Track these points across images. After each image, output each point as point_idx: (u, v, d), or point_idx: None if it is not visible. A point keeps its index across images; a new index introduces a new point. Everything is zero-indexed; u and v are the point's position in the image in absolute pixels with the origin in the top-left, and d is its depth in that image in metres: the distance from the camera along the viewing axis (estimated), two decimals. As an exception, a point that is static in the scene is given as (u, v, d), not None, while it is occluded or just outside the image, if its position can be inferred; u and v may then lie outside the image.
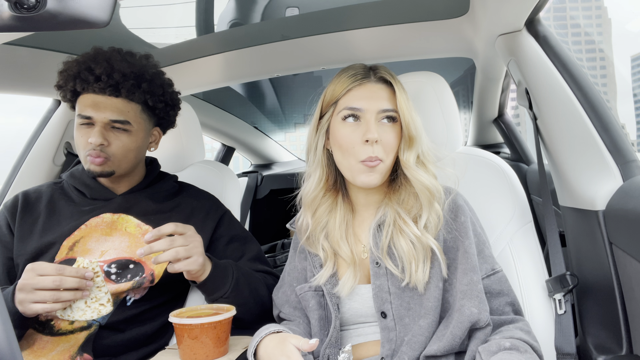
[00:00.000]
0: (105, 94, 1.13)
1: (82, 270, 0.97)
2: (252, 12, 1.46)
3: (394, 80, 0.96)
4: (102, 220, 1.19)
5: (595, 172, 0.98)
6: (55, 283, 0.93)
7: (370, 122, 0.93)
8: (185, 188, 1.34)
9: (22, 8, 0.44)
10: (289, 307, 1.05)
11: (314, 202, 1.02)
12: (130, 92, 1.14)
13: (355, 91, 0.95)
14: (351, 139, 0.94)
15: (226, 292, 1.09)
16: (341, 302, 0.98)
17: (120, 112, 1.14)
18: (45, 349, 1.07)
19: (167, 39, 1.53)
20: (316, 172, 1.01)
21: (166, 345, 1.19)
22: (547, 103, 1.07)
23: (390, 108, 0.95)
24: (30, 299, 0.94)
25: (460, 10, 1.27)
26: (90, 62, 1.13)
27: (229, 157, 2.90)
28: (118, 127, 1.15)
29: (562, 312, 0.99)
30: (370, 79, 0.96)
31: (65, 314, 1.00)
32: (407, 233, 0.92)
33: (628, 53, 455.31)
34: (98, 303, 1.01)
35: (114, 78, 1.12)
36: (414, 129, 0.94)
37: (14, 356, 0.48)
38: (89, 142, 1.12)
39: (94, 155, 1.13)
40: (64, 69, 1.16)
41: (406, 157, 0.95)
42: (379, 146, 0.93)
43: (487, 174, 1.17)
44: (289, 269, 1.10)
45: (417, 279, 0.90)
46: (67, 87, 1.16)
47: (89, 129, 1.14)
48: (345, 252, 0.98)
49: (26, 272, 0.96)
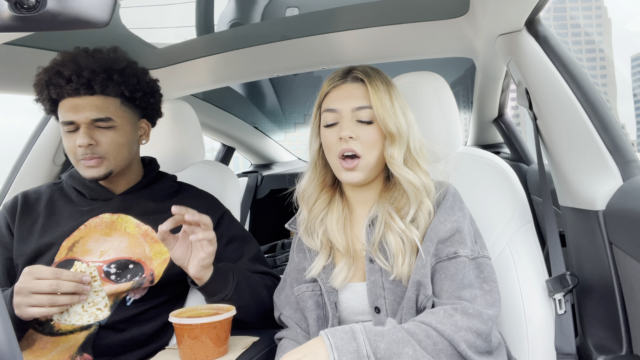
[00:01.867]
0: (80, 95, 1.12)
1: (79, 275, 0.97)
2: (252, 12, 1.46)
3: (368, 78, 0.98)
4: (101, 220, 1.19)
5: (595, 172, 0.98)
6: (52, 287, 0.93)
7: (344, 121, 0.97)
8: (184, 188, 1.34)
9: (22, 8, 0.44)
10: (290, 309, 1.06)
11: (310, 198, 1.05)
12: (103, 86, 1.13)
13: (332, 93, 1.00)
14: (330, 138, 0.99)
15: (228, 294, 1.09)
16: (338, 300, 1.00)
17: (99, 110, 1.13)
18: (45, 349, 1.07)
19: (167, 39, 1.53)
20: (309, 171, 1.06)
21: (166, 345, 1.19)
22: (547, 103, 1.07)
23: (365, 105, 0.97)
24: (27, 303, 0.94)
25: (460, 10, 1.27)
26: (58, 67, 1.12)
27: (229, 157, 2.90)
28: (102, 126, 1.14)
29: (562, 312, 1.00)
30: (346, 80, 1.00)
31: (62, 318, 0.99)
32: (395, 228, 0.94)
33: (628, 53, 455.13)
34: (95, 308, 1.01)
35: (84, 76, 1.11)
36: (392, 125, 0.95)
37: (13, 356, 0.48)
38: (77, 145, 1.11)
39: (87, 159, 1.13)
40: (36, 81, 1.15)
41: (390, 153, 0.97)
42: (355, 142, 0.96)
43: (487, 174, 1.17)
44: (289, 269, 1.10)
45: (403, 273, 0.92)
46: (43, 97, 1.15)
47: (74, 134, 1.13)
48: (341, 242, 1.00)
49: (23, 275, 0.96)
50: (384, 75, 1.01)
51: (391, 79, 1.03)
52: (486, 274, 0.92)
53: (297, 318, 1.05)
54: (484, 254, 0.94)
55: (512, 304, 1.05)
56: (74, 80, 1.10)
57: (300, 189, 1.07)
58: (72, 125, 1.12)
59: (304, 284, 1.04)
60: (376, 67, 1.04)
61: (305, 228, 1.05)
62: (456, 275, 0.90)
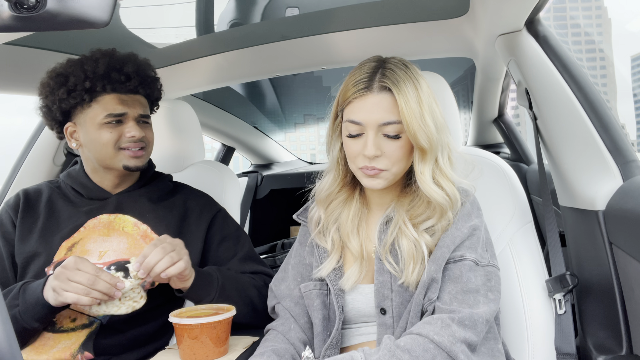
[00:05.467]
0: (138, 92, 1.21)
1: (116, 279, 1.00)
2: (252, 12, 1.46)
3: (397, 87, 0.89)
4: (99, 221, 1.19)
5: (595, 172, 0.98)
6: (90, 281, 0.96)
7: (369, 137, 0.90)
8: (179, 187, 1.34)
9: (22, 8, 0.44)
10: (291, 301, 1.04)
11: (328, 197, 1.03)
12: (149, 89, 1.24)
13: (357, 103, 0.91)
14: (353, 149, 0.93)
15: (213, 298, 1.10)
16: (345, 302, 0.98)
17: (144, 107, 1.23)
18: (46, 346, 1.07)
19: (167, 39, 1.53)
20: (332, 171, 1.02)
21: (166, 345, 1.19)
22: (547, 103, 1.07)
23: (393, 120, 0.89)
24: (64, 287, 0.97)
25: (460, 10, 1.27)
26: (116, 63, 1.18)
27: (229, 157, 2.90)
28: (144, 121, 1.23)
29: (562, 312, 0.99)
30: (372, 89, 0.90)
31: (100, 309, 1.02)
32: (409, 235, 0.93)
33: (628, 53, 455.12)
34: (132, 301, 1.04)
35: (140, 76, 1.20)
36: (424, 139, 0.89)
37: (13, 356, 0.48)
38: (128, 136, 1.18)
39: (135, 148, 1.19)
40: (76, 70, 1.16)
41: (420, 169, 0.92)
42: (380, 159, 0.91)
43: (487, 174, 1.17)
44: (294, 262, 1.08)
45: (411, 280, 0.91)
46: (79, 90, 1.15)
47: (118, 127, 1.18)
48: (355, 245, 0.98)
49: (68, 262, 0.99)
50: (413, 73, 0.92)
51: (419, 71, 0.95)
52: (493, 283, 0.90)
53: (296, 312, 1.03)
54: (494, 264, 0.93)
55: (512, 304, 1.05)
56: (133, 78, 1.19)
57: (319, 188, 1.03)
58: (120, 117, 1.18)
59: (310, 281, 1.02)
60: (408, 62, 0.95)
61: (319, 231, 1.03)
62: (460, 278, 0.88)
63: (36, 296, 1.01)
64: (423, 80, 0.93)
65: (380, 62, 0.94)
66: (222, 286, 1.12)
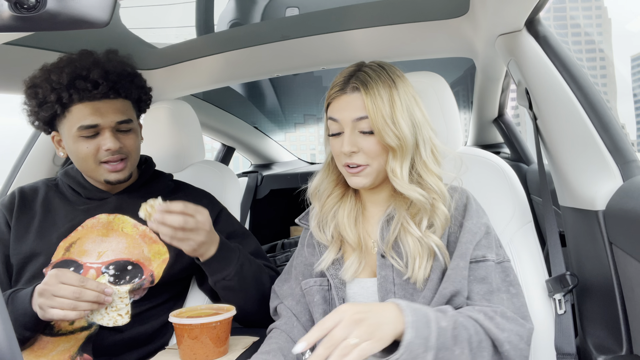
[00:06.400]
0: (110, 98, 1.12)
1: (103, 286, 0.98)
2: (252, 12, 1.46)
3: (365, 87, 0.93)
4: (97, 221, 1.19)
5: (595, 172, 0.98)
6: (75, 294, 0.94)
7: (346, 132, 0.95)
8: (181, 187, 1.34)
9: (22, 8, 0.44)
10: (293, 300, 1.06)
11: (323, 193, 1.05)
12: (127, 90, 1.15)
13: (334, 103, 0.98)
14: (335, 148, 0.98)
15: (229, 274, 1.08)
16: (346, 296, 0.99)
17: (122, 113, 1.14)
18: (45, 349, 1.07)
19: (167, 39, 1.53)
20: (323, 169, 1.07)
21: (166, 345, 1.19)
22: (547, 103, 1.07)
23: (363, 115, 0.93)
24: (49, 304, 0.94)
25: (460, 10, 1.27)
26: (80, 70, 1.09)
27: (229, 157, 2.90)
28: (123, 129, 1.15)
29: (562, 312, 1.00)
30: (345, 90, 0.96)
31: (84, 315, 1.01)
32: (413, 233, 0.94)
33: (628, 53, 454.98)
34: (117, 313, 1.01)
35: (111, 80, 1.11)
36: (392, 138, 0.91)
37: (13, 356, 0.48)
38: (105, 149, 1.11)
39: (114, 161, 1.13)
40: (38, 83, 1.10)
41: (391, 168, 0.94)
42: (358, 155, 0.95)
43: (487, 174, 1.17)
44: (296, 263, 1.10)
45: (418, 276, 0.92)
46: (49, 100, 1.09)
47: (94, 139, 1.12)
48: (352, 237, 1.00)
49: (49, 277, 0.96)
50: (388, 75, 0.95)
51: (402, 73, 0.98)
52: (512, 277, 0.93)
53: (298, 310, 1.04)
54: (508, 259, 0.96)
55: (512, 304, 1.05)
56: (101, 84, 1.09)
57: (312, 185, 1.07)
58: (93, 129, 1.11)
59: (311, 278, 1.04)
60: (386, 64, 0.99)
61: (317, 223, 1.05)
62: (486, 278, 0.91)
63: (24, 307, 0.99)
64: (402, 80, 0.96)
65: (358, 66, 0.99)
66: (241, 265, 1.10)
